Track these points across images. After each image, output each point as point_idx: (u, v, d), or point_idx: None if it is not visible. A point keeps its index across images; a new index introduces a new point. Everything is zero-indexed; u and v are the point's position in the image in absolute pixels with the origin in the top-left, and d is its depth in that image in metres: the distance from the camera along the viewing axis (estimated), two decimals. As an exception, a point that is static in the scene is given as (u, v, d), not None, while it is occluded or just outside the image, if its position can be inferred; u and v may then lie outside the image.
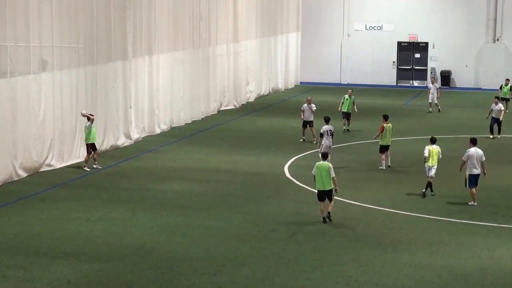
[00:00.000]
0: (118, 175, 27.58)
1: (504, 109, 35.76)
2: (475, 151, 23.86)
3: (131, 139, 32.97)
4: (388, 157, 29.00)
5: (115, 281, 17.19)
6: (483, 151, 24.11)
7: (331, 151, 27.84)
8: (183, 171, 28.26)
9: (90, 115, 28.16)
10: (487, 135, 35.34)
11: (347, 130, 36.55)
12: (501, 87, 42.57)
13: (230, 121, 39.86)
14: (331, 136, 28.26)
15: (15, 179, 26.19)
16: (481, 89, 53.29)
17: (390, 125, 29.08)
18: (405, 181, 27.15)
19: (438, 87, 43.32)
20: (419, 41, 55.31)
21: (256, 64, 48.07)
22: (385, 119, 29.14)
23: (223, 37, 42.77)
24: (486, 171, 24.09)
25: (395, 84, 55.86)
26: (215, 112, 41.96)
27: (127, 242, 19.90)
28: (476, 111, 43.56)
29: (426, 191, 24.77)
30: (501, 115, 34.77)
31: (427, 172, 24.86)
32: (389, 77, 55.87)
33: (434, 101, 42.58)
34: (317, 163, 22.06)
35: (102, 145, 30.63)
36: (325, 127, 28.41)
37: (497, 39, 53.81)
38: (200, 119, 39.73)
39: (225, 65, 43.21)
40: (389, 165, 28.96)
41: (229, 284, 17.08)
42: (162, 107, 36.00)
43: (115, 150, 31.64)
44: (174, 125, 37.24)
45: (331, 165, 21.82)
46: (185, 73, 38.13)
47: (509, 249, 19.71)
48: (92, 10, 30.18)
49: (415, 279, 17.49)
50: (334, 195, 21.93)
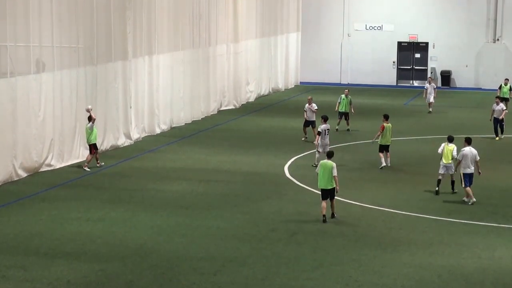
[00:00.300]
0: (118, 175, 27.57)
1: (505, 109, 35.70)
2: (470, 150, 24.00)
3: (131, 139, 32.96)
4: (388, 157, 29.01)
5: (115, 281, 17.19)
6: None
7: (327, 149, 28.13)
8: (183, 171, 28.24)
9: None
10: (487, 135, 35.29)
11: (347, 130, 36.58)
12: (500, 87, 42.54)
13: (230, 121, 39.84)
14: (327, 135, 28.73)
15: (15, 179, 26.17)
16: (481, 89, 53.26)
17: (390, 125, 29.13)
18: (405, 181, 27.13)
19: (435, 87, 43.23)
20: (419, 41, 55.26)
21: (256, 64, 48.03)
22: (386, 118, 29.20)
23: (223, 37, 42.75)
24: (480, 171, 24.17)
25: (395, 84, 55.82)
26: (215, 112, 41.94)
27: (127, 242, 19.89)
28: (476, 111, 43.55)
29: (439, 188, 24.91)
30: (502, 115, 34.71)
31: (440, 169, 24.97)
32: (389, 77, 55.84)
33: (429, 100, 42.47)
34: (321, 162, 22.23)
35: (102, 145, 30.60)
36: (323, 126, 28.73)
37: (497, 39, 53.77)
38: (200, 119, 39.71)
39: (225, 65, 43.18)
40: (389, 165, 28.95)
41: (229, 284, 17.07)
42: (162, 107, 35.98)
43: (115, 150, 31.63)
44: (174, 125, 37.22)
45: (334, 164, 21.90)
46: (185, 73, 38.11)
47: (509, 249, 19.70)
48: (92, 10, 30.16)
49: (415, 279, 17.49)
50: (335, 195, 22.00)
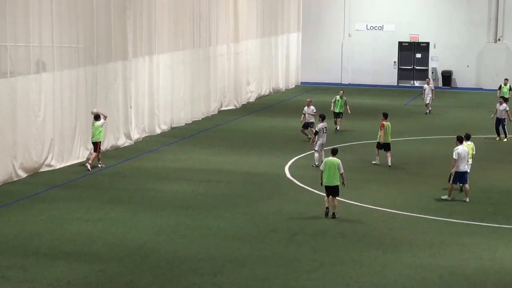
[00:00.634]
0: (118, 175, 27.54)
1: (508, 109, 35.62)
2: (463, 149, 24.04)
3: (131, 139, 32.92)
4: (389, 157, 28.98)
5: (115, 281, 17.15)
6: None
7: (323, 148, 28.90)
8: (183, 172, 28.20)
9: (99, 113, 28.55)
10: (488, 135, 35.26)
11: (336, 129, 36.32)
12: (500, 87, 42.49)
13: (230, 121, 39.81)
14: (325, 133, 28.98)
15: (15, 180, 26.12)
16: (482, 89, 53.23)
17: (389, 124, 29.14)
18: (405, 181, 27.10)
19: (433, 88, 43.13)
20: (420, 41, 55.23)
21: (256, 64, 47.99)
22: (385, 117, 29.26)
23: (224, 37, 42.71)
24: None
25: (396, 84, 55.80)
26: (216, 112, 41.90)
27: (127, 242, 19.86)
28: (476, 111, 43.52)
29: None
30: (506, 115, 34.55)
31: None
32: (390, 77, 55.81)
33: (427, 101, 42.39)
34: (326, 159, 22.36)
35: (102, 145, 30.52)
36: (321, 125, 28.89)
37: (499, 39, 53.73)
38: (200, 119, 39.67)
39: (225, 65, 43.14)
40: (390, 165, 28.92)
41: (229, 284, 17.03)
42: (162, 107, 35.94)
43: (115, 150, 31.59)
44: (174, 125, 37.18)
45: (340, 161, 21.93)
46: (186, 73, 38.07)
47: (510, 249, 19.66)
48: (92, 10, 30.12)
49: (416, 280, 17.44)
50: (339, 191, 22.13)
